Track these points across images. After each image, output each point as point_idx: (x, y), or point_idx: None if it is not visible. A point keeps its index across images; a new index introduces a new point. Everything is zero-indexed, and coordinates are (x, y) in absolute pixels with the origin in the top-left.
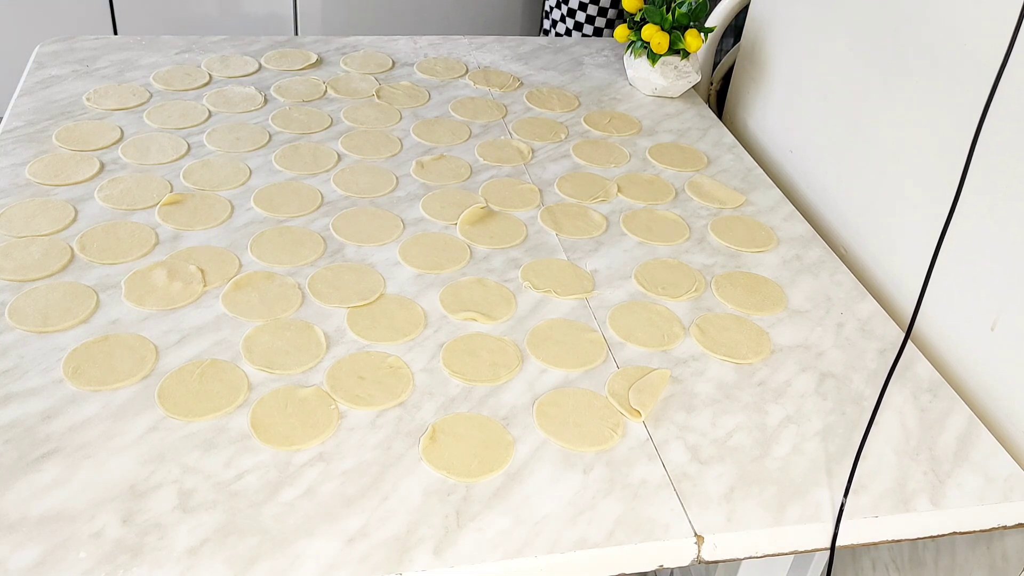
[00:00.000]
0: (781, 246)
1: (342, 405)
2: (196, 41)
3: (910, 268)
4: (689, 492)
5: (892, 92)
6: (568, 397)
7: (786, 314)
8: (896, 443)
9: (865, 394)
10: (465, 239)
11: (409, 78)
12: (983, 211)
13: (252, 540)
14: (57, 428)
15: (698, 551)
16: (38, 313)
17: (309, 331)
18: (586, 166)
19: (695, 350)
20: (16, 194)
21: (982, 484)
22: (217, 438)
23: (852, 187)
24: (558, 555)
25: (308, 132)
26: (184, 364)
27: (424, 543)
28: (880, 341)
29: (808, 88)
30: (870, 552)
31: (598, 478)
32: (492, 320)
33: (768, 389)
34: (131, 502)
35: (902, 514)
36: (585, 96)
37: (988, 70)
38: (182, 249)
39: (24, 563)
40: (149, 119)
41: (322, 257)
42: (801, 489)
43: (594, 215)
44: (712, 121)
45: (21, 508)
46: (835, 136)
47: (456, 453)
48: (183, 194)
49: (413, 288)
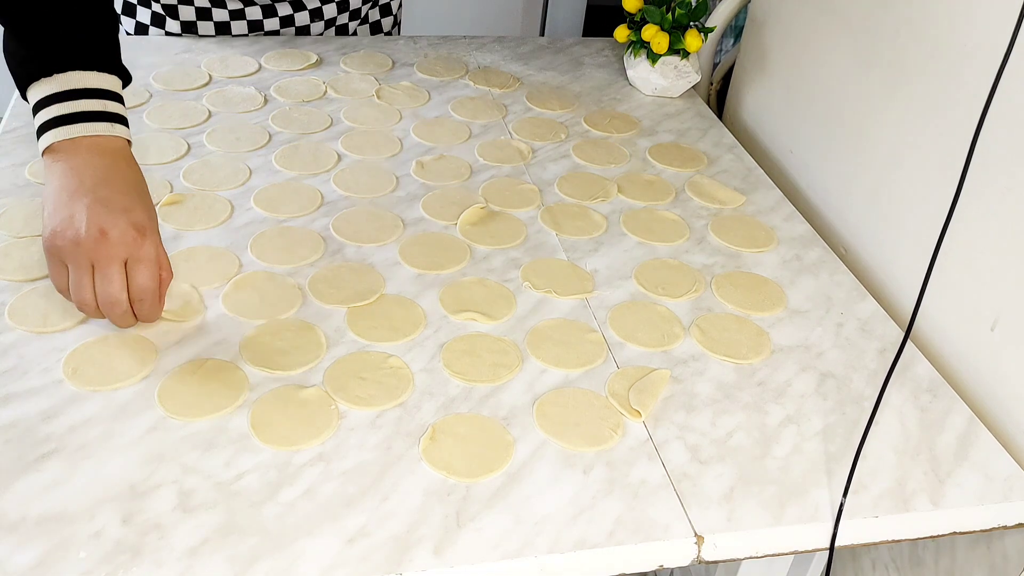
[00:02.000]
0: (781, 246)
1: (342, 405)
2: (196, 41)
3: (910, 268)
4: (689, 492)
5: (892, 92)
6: (568, 397)
7: (786, 314)
8: (896, 443)
9: (865, 394)
10: (465, 239)
11: (409, 78)
12: (983, 211)
13: (252, 540)
14: (57, 428)
15: (698, 551)
16: (38, 313)
17: (309, 331)
18: (586, 166)
19: (695, 350)
20: (16, 194)
21: (982, 484)
22: (217, 438)
23: (852, 187)
24: (558, 555)
25: (308, 132)
26: (184, 364)
27: (424, 543)
28: (880, 341)
29: (808, 88)
30: (870, 552)
31: (598, 478)
32: (492, 320)
33: (768, 389)
34: (131, 502)
35: (902, 514)
36: (585, 96)
37: (988, 70)
38: (182, 249)
39: (24, 563)
40: (149, 119)
41: (322, 257)
42: (801, 489)
43: (594, 215)
44: (712, 121)
45: (21, 508)
46: (835, 136)
47: (456, 453)
48: (183, 194)
49: (413, 288)
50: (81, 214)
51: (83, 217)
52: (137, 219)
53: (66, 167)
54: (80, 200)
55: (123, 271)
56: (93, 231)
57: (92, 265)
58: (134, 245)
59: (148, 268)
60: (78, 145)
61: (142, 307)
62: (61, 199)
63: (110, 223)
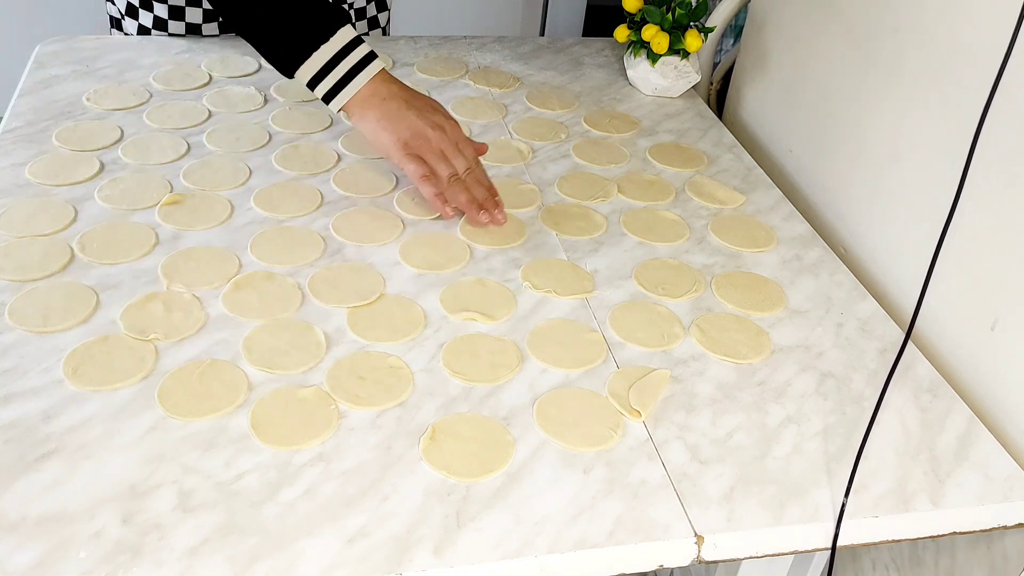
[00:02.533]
0: (781, 246)
1: (342, 405)
2: (196, 41)
3: (910, 268)
4: (689, 492)
5: (892, 92)
6: (568, 397)
7: (786, 314)
8: (896, 443)
9: (865, 394)
10: (465, 239)
11: (409, 78)
12: (983, 211)
13: (252, 540)
14: (57, 428)
15: (698, 551)
16: (38, 313)
17: (309, 331)
18: (586, 166)
19: (695, 350)
20: (16, 194)
21: (982, 484)
22: (217, 438)
23: (852, 187)
24: (558, 555)
25: (308, 132)
26: (184, 364)
27: (424, 543)
28: (880, 341)
29: (808, 88)
30: (870, 552)
31: (598, 478)
32: (492, 320)
33: (768, 389)
34: (131, 502)
35: (902, 514)
36: (585, 96)
37: (988, 70)
38: (182, 249)
39: (24, 563)
40: (149, 119)
41: (322, 257)
42: (801, 489)
43: (594, 215)
44: (712, 121)
45: (21, 508)
46: (835, 136)
47: (456, 453)
48: (183, 194)
49: (413, 288)
50: (417, 121)
51: (421, 122)
52: (444, 114)
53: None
54: (407, 114)
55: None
56: (435, 127)
57: (441, 151)
58: (458, 129)
59: (471, 144)
60: (366, 93)
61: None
62: (392, 120)
63: (438, 120)
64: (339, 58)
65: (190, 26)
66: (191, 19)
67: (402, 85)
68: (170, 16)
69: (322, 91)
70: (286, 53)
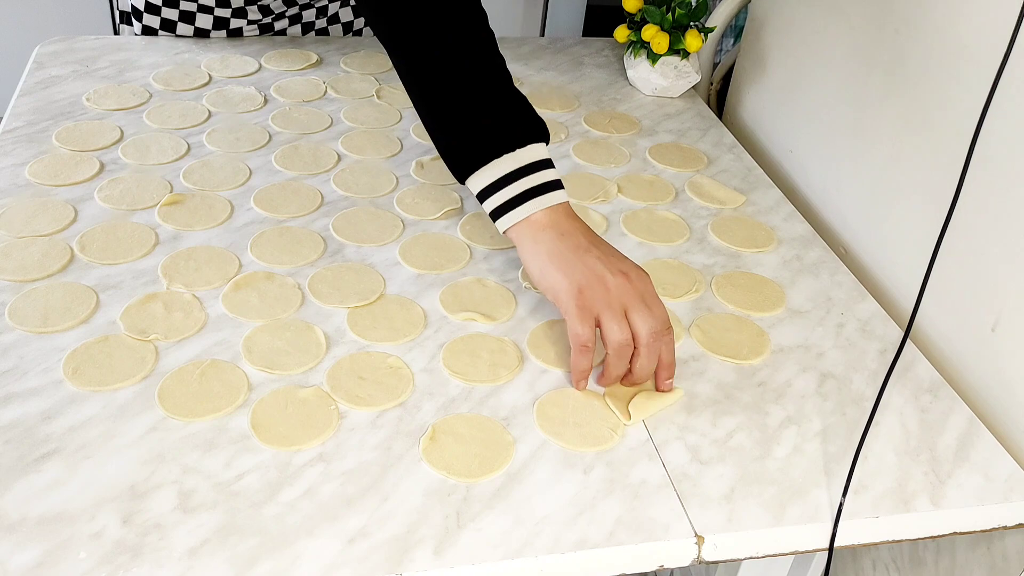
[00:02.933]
0: (781, 246)
1: (342, 405)
2: (196, 41)
3: (910, 268)
4: (689, 492)
5: (892, 92)
6: (568, 397)
7: (786, 314)
8: (896, 443)
9: (866, 394)
10: (465, 239)
11: None
12: (983, 211)
13: (252, 540)
14: (57, 428)
15: (698, 551)
16: (38, 313)
17: (309, 331)
18: (586, 166)
19: (695, 350)
20: (16, 194)
21: (982, 484)
22: (217, 438)
23: (852, 187)
24: (558, 555)
25: (308, 132)
26: (184, 364)
27: (424, 543)
28: (880, 341)
29: (808, 88)
30: (870, 552)
31: (598, 478)
32: (492, 320)
33: (768, 389)
34: (131, 502)
35: (902, 514)
36: (585, 96)
37: (988, 70)
38: (182, 250)
39: (24, 563)
40: (149, 119)
41: (322, 257)
42: (801, 489)
43: (594, 215)
44: (712, 121)
45: (21, 508)
46: (835, 136)
47: (456, 453)
48: (183, 194)
49: (413, 288)
50: (597, 264)
51: (601, 266)
52: (631, 263)
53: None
54: (586, 256)
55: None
56: (618, 274)
57: (622, 306)
58: (647, 282)
59: (660, 302)
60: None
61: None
62: (567, 260)
63: (624, 267)
64: (521, 174)
65: (199, 31)
66: (200, 24)
67: (586, 226)
68: (180, 20)
69: (492, 204)
70: (464, 150)
